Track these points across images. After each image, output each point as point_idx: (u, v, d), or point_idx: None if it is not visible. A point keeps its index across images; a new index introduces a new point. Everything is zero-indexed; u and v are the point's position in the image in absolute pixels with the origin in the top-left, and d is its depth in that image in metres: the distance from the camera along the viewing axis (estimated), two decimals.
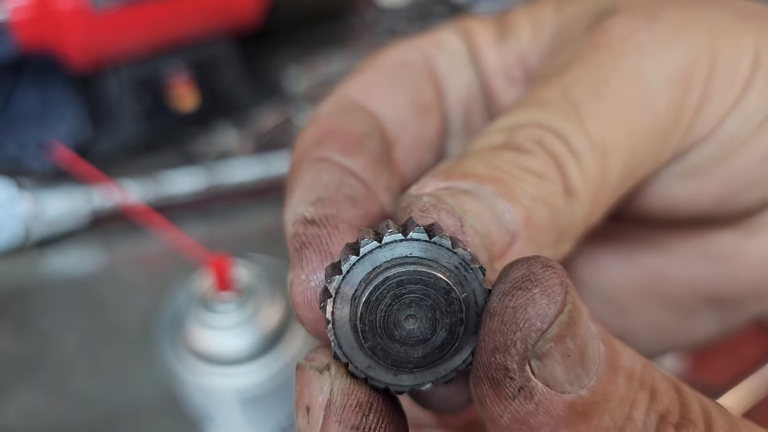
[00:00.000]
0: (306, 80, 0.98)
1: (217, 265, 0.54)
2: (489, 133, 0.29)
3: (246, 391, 0.55)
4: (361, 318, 0.23)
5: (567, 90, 0.29)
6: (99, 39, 0.84)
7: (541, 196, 0.27)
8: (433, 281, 0.23)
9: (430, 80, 0.36)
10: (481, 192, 0.26)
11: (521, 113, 0.29)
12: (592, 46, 0.31)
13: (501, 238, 0.26)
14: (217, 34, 0.91)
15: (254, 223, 0.88)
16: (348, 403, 0.23)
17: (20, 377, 0.73)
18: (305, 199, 0.28)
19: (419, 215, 0.25)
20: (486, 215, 0.26)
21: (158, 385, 0.70)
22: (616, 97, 0.29)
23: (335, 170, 0.30)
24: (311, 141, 0.32)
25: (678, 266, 0.38)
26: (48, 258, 0.85)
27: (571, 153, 0.28)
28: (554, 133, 0.28)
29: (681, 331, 0.40)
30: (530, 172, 0.27)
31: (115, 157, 0.91)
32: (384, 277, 0.23)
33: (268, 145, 0.91)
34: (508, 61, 0.36)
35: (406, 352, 0.24)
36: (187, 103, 0.91)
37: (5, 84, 0.92)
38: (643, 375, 0.23)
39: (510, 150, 0.28)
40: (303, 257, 0.26)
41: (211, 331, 0.55)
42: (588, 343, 0.22)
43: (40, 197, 0.81)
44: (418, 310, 0.23)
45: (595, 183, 0.28)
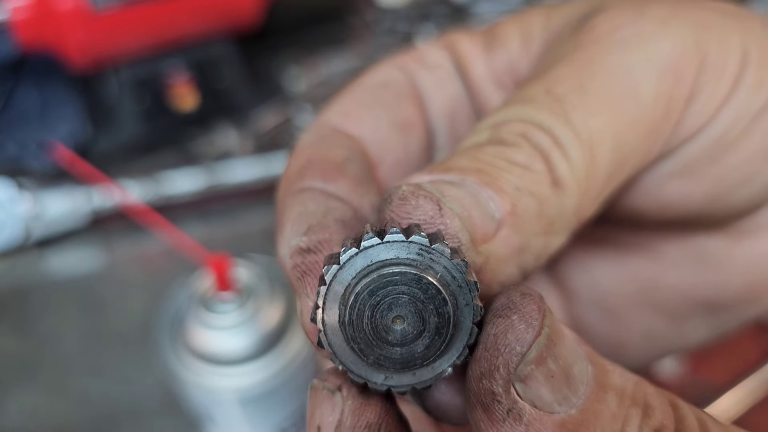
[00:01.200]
0: (306, 80, 0.98)
1: (217, 265, 0.54)
2: (475, 132, 0.30)
3: (246, 391, 0.55)
4: (349, 324, 0.23)
5: (550, 87, 0.29)
6: (99, 39, 0.84)
7: (526, 186, 0.27)
8: (405, 278, 0.23)
9: (411, 97, 0.36)
10: (464, 183, 0.26)
11: (505, 111, 0.29)
12: (576, 45, 0.31)
13: (484, 223, 0.26)
14: (217, 34, 0.91)
15: (254, 223, 0.88)
16: (358, 424, 0.24)
17: (20, 377, 0.73)
18: (296, 230, 0.28)
19: (398, 203, 0.25)
20: (467, 200, 0.26)
21: (158, 384, 0.70)
22: (601, 90, 0.29)
23: (319, 197, 0.30)
24: (293, 174, 0.32)
25: (670, 272, 0.38)
26: (48, 258, 0.85)
27: (557, 145, 0.28)
28: (538, 127, 0.28)
29: (675, 337, 0.40)
30: (515, 163, 0.27)
31: (115, 157, 0.91)
32: (363, 284, 0.23)
33: (269, 145, 0.91)
34: (497, 70, 0.36)
35: (401, 353, 0.24)
36: (188, 103, 0.91)
37: (5, 84, 0.92)
38: (635, 392, 0.24)
39: (494, 144, 0.28)
40: (306, 285, 0.27)
41: (211, 331, 0.55)
42: (574, 364, 0.23)
43: (40, 197, 0.81)
44: (402, 310, 0.23)
45: (584, 174, 0.28)
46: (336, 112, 0.35)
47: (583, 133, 0.28)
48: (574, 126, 0.28)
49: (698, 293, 0.38)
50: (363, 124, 0.34)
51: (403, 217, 0.25)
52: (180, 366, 0.55)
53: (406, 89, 0.36)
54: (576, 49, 0.30)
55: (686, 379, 0.68)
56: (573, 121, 0.28)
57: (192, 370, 0.55)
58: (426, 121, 0.36)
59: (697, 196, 0.33)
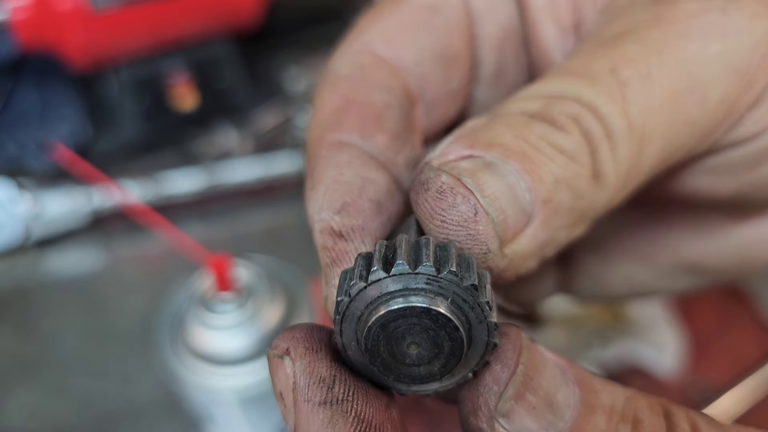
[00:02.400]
0: (306, 80, 0.98)
1: (218, 265, 0.54)
2: (525, 97, 0.28)
3: (246, 391, 0.55)
4: (366, 351, 0.24)
5: (616, 65, 0.27)
6: (99, 39, 0.84)
7: (566, 178, 0.26)
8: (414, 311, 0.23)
9: (462, 24, 0.33)
10: (504, 168, 0.25)
11: (562, 82, 0.27)
12: (654, 18, 0.28)
13: (516, 221, 0.25)
14: (217, 34, 0.91)
15: (254, 223, 0.88)
16: (310, 382, 0.24)
17: (20, 377, 0.73)
18: (329, 202, 0.28)
19: (436, 197, 0.25)
20: (504, 198, 0.25)
21: (158, 384, 0.70)
22: (667, 82, 0.27)
23: (356, 162, 0.29)
24: (329, 114, 0.30)
25: (668, 233, 0.38)
26: (48, 258, 0.85)
27: (607, 136, 0.26)
28: (593, 113, 0.26)
29: (654, 285, 0.40)
30: (560, 150, 0.26)
31: (115, 157, 0.91)
32: (375, 318, 0.23)
33: (268, 146, 0.91)
34: (558, 4, 0.33)
35: (420, 371, 0.24)
36: (187, 103, 0.91)
37: (5, 84, 0.92)
38: (625, 408, 0.24)
39: (543, 122, 0.26)
40: (335, 275, 0.27)
41: (211, 331, 0.55)
42: (557, 391, 0.24)
43: (40, 197, 0.81)
44: (415, 337, 0.24)
45: (626, 170, 0.27)
46: (379, 35, 0.32)
47: (637, 126, 0.27)
48: (630, 117, 0.26)
49: (690, 257, 0.38)
50: (406, 54, 0.32)
51: (437, 212, 0.25)
52: (180, 366, 0.55)
53: (457, 15, 0.33)
54: (654, 24, 0.28)
55: (686, 379, 0.68)
56: (630, 111, 0.26)
57: (192, 370, 0.55)
58: (472, 51, 0.34)
59: (726, 192, 0.33)
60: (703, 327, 0.71)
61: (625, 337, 0.69)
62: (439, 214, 0.25)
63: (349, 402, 0.24)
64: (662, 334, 0.69)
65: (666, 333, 0.69)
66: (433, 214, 0.25)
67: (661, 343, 0.69)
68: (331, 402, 0.24)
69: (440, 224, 0.25)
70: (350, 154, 0.29)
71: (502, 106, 0.28)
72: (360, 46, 0.32)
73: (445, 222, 0.25)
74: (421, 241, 0.24)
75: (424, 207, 0.25)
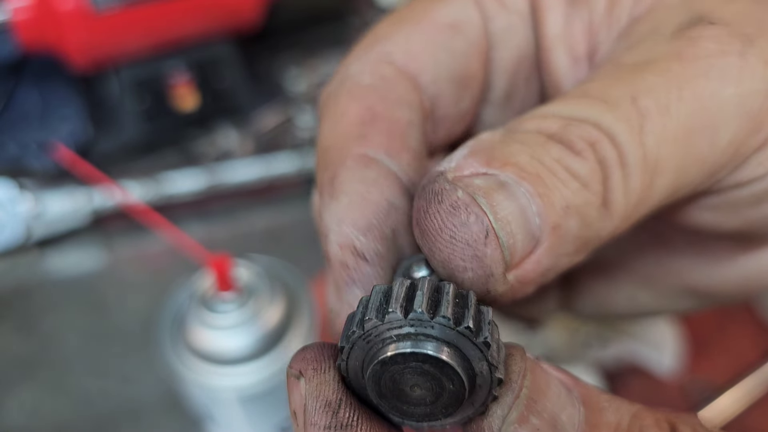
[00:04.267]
0: (306, 81, 0.98)
1: (218, 264, 0.54)
2: (543, 115, 0.27)
3: (246, 391, 0.55)
4: (370, 390, 0.24)
5: (637, 94, 0.27)
6: (100, 40, 0.84)
7: (577, 206, 0.25)
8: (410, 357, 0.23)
9: (480, 48, 0.33)
10: (518, 189, 0.25)
11: (582, 104, 0.27)
12: (676, 53, 0.28)
13: (524, 246, 0.25)
14: (217, 35, 0.91)
15: (255, 223, 0.88)
16: (317, 405, 0.24)
17: (21, 376, 0.74)
18: (354, 219, 0.28)
19: (448, 210, 0.24)
20: (516, 222, 0.25)
21: (159, 384, 0.70)
22: (684, 117, 0.27)
23: (383, 182, 0.29)
24: (354, 125, 0.30)
25: (673, 257, 0.38)
26: (49, 258, 0.85)
27: (622, 165, 0.26)
28: (611, 140, 0.26)
29: (657, 307, 0.40)
30: (574, 176, 0.26)
31: (116, 158, 0.91)
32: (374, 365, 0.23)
33: (269, 146, 0.91)
34: (573, 31, 0.33)
35: (425, 410, 0.24)
36: (188, 103, 0.91)
37: (6, 84, 0.92)
38: (631, 425, 0.24)
39: (560, 144, 0.26)
40: (352, 296, 0.27)
41: (211, 331, 0.55)
42: (561, 411, 0.24)
43: (41, 197, 0.82)
44: (415, 380, 0.24)
45: (635, 201, 0.27)
46: (400, 48, 0.32)
47: (651, 158, 0.26)
48: (645, 148, 0.26)
49: (694, 282, 0.38)
50: (425, 71, 0.32)
51: (447, 226, 0.25)
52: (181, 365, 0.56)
53: (476, 38, 0.33)
54: (675, 58, 0.28)
55: (685, 378, 0.68)
56: (647, 142, 0.26)
57: (193, 370, 0.55)
58: (486, 76, 0.34)
59: (729, 228, 0.33)
60: (702, 327, 0.72)
61: (625, 337, 0.69)
62: (449, 228, 0.25)
63: (353, 428, 0.24)
64: (661, 333, 0.69)
65: (665, 333, 0.69)
66: (443, 227, 0.25)
67: (660, 343, 0.69)
68: (335, 427, 0.24)
69: (448, 239, 0.25)
70: (378, 172, 0.29)
71: (518, 122, 0.28)
72: (380, 55, 0.32)
73: (453, 239, 0.25)
74: (417, 283, 0.24)
75: (434, 218, 0.25)
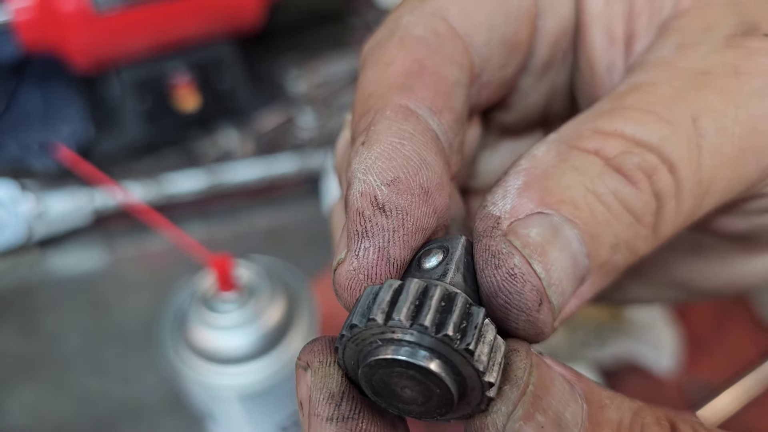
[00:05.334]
0: (307, 81, 0.98)
1: (219, 264, 0.54)
2: (605, 133, 0.26)
3: (247, 390, 0.55)
4: (365, 387, 0.25)
5: (699, 115, 0.26)
6: (101, 40, 0.85)
7: (627, 241, 0.25)
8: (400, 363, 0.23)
9: (530, 14, 0.33)
10: (570, 232, 0.25)
11: (645, 125, 0.26)
12: (732, 66, 0.28)
13: (571, 291, 0.25)
14: (218, 35, 0.92)
15: (256, 224, 0.88)
16: (321, 397, 0.25)
17: (23, 375, 0.74)
18: (381, 169, 0.26)
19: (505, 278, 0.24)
20: (567, 278, 0.25)
21: (160, 383, 0.71)
22: (738, 138, 0.27)
23: (419, 138, 0.27)
24: (400, 74, 0.29)
25: (669, 254, 0.38)
26: (51, 257, 0.85)
27: (677, 193, 0.26)
28: (670, 168, 0.26)
29: (645, 296, 0.40)
30: (628, 210, 0.25)
31: (117, 158, 0.91)
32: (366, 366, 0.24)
33: (270, 146, 0.91)
34: (613, 13, 0.32)
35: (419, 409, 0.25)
36: (189, 104, 0.92)
37: (8, 85, 0.93)
38: (633, 423, 0.24)
39: (618, 174, 0.25)
40: (361, 247, 0.26)
41: (212, 330, 0.55)
42: (565, 408, 0.24)
43: (43, 197, 0.82)
44: (405, 383, 0.24)
45: (681, 223, 0.27)
46: (457, 6, 0.31)
47: (705, 182, 0.26)
48: (701, 172, 0.26)
49: (686, 277, 0.38)
50: (479, 33, 0.31)
51: (503, 292, 0.25)
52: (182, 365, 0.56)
53: (528, 3, 0.33)
54: (732, 73, 0.28)
55: (684, 377, 0.68)
56: (703, 165, 0.26)
57: (194, 369, 0.55)
58: (531, 44, 0.34)
59: (735, 231, 0.33)
60: (701, 326, 0.72)
61: (623, 336, 0.69)
62: (504, 295, 0.25)
63: (354, 420, 0.25)
64: (660, 333, 0.70)
65: (663, 332, 0.70)
66: (498, 293, 0.25)
67: (658, 342, 0.69)
68: (337, 419, 0.24)
69: (503, 304, 0.25)
70: (415, 126, 0.28)
71: (575, 136, 0.27)
72: (434, 9, 0.31)
73: (508, 304, 0.25)
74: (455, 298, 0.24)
75: (490, 281, 0.25)
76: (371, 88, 0.30)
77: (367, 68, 0.31)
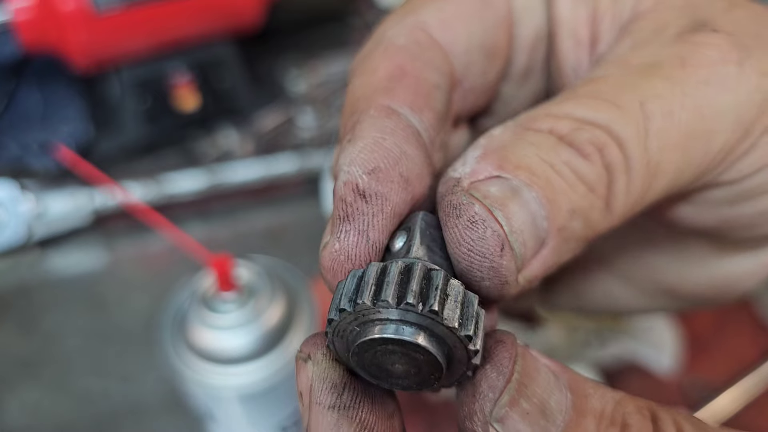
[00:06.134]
0: (307, 81, 0.98)
1: (219, 264, 0.54)
2: (555, 115, 0.28)
3: (247, 390, 0.55)
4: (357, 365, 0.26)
5: (645, 99, 0.28)
6: (101, 40, 0.85)
7: (582, 209, 0.27)
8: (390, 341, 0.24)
9: (506, 21, 0.34)
10: (528, 194, 0.26)
11: (594, 107, 0.28)
12: (680, 58, 0.29)
13: (532, 248, 0.26)
14: (218, 35, 0.92)
15: (255, 224, 0.88)
16: (323, 387, 0.26)
17: (23, 375, 0.74)
18: (363, 160, 0.28)
19: (466, 225, 0.26)
20: (527, 230, 0.26)
21: (160, 383, 0.71)
22: (685, 123, 0.28)
23: (400, 133, 0.29)
24: (383, 79, 0.31)
25: (651, 256, 0.39)
26: (50, 257, 0.85)
27: (626, 169, 0.27)
28: (619, 144, 0.27)
29: (632, 304, 0.41)
30: (582, 180, 0.27)
31: (117, 158, 0.91)
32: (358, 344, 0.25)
33: (270, 146, 0.91)
34: (578, 18, 0.34)
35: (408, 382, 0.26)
36: (189, 104, 0.92)
37: (8, 85, 0.93)
38: (614, 413, 0.25)
39: (570, 147, 0.27)
40: (342, 230, 0.28)
41: (212, 330, 0.55)
42: (549, 396, 0.25)
43: (42, 197, 0.82)
44: (395, 358, 0.25)
45: (633, 201, 0.28)
46: (434, 17, 0.33)
47: (653, 162, 0.28)
48: (649, 153, 0.28)
49: (668, 281, 0.39)
50: (458, 40, 0.33)
51: (465, 240, 0.26)
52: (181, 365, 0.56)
53: (503, 11, 0.34)
54: (679, 64, 0.29)
55: (684, 378, 0.68)
56: (651, 147, 0.28)
57: (193, 369, 0.55)
58: (510, 50, 0.35)
59: (706, 224, 0.34)
60: (701, 326, 0.72)
61: (624, 337, 0.69)
62: (467, 242, 0.26)
63: (354, 409, 0.26)
64: (660, 333, 0.70)
65: (664, 332, 0.70)
66: (461, 241, 0.26)
67: (659, 343, 0.69)
68: (339, 407, 0.26)
69: (467, 252, 0.26)
70: (396, 123, 0.29)
71: (530, 119, 0.29)
72: (415, 22, 0.33)
73: (471, 252, 0.26)
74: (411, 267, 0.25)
75: (453, 232, 0.26)
76: (358, 93, 0.32)
77: (355, 77, 0.33)
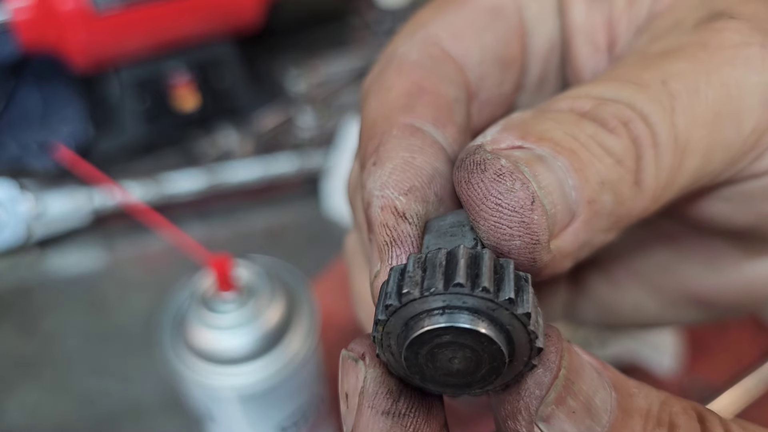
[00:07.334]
0: (307, 81, 0.98)
1: (219, 264, 0.54)
2: (575, 96, 0.28)
3: (247, 390, 0.55)
4: (407, 367, 0.24)
5: (667, 78, 0.27)
6: (100, 40, 0.85)
7: (611, 181, 0.25)
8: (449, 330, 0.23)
9: (518, 31, 0.34)
10: (554, 163, 0.25)
11: (613, 86, 0.28)
12: (701, 43, 0.29)
13: (563, 217, 0.25)
14: (218, 35, 0.92)
15: (255, 223, 0.88)
16: (379, 390, 0.25)
17: (22, 376, 0.74)
18: (397, 182, 0.27)
19: (494, 178, 0.24)
20: (556, 193, 0.25)
21: (160, 383, 0.71)
22: (712, 102, 0.27)
23: (429, 150, 0.28)
24: (401, 97, 0.30)
25: (680, 263, 0.38)
26: (50, 257, 0.85)
27: (654, 144, 0.26)
28: (644, 119, 0.26)
29: (661, 316, 0.40)
30: (609, 152, 0.26)
31: (116, 158, 0.91)
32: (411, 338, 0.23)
33: (269, 146, 0.91)
34: (594, 23, 0.34)
35: (462, 381, 0.24)
36: (189, 104, 0.92)
37: (7, 85, 0.92)
38: (661, 412, 0.24)
39: (594, 122, 0.26)
40: (393, 255, 0.26)
41: (212, 331, 0.55)
42: (595, 394, 0.24)
43: (42, 197, 0.82)
44: (453, 353, 0.23)
45: (664, 180, 0.27)
46: (445, 30, 0.32)
47: (681, 139, 0.27)
48: (676, 129, 0.27)
49: (698, 290, 0.38)
50: (471, 52, 0.32)
51: (492, 194, 0.24)
52: (181, 365, 0.56)
53: (515, 22, 0.34)
54: (701, 48, 0.29)
55: (684, 378, 0.68)
56: (678, 123, 0.27)
57: (193, 369, 0.55)
58: (524, 60, 0.35)
59: (741, 223, 0.33)
60: (702, 327, 0.72)
61: (624, 337, 0.69)
62: (494, 196, 0.24)
63: (410, 417, 0.25)
64: (661, 333, 0.70)
65: (664, 333, 0.70)
66: (488, 195, 0.24)
67: (659, 343, 0.69)
68: (394, 414, 0.24)
69: (494, 206, 0.24)
70: (423, 141, 0.29)
71: (550, 103, 0.28)
72: (426, 37, 0.32)
73: (500, 205, 0.24)
74: (455, 252, 0.23)
75: (478, 188, 0.25)
76: (375, 114, 0.30)
77: (369, 98, 0.32)
